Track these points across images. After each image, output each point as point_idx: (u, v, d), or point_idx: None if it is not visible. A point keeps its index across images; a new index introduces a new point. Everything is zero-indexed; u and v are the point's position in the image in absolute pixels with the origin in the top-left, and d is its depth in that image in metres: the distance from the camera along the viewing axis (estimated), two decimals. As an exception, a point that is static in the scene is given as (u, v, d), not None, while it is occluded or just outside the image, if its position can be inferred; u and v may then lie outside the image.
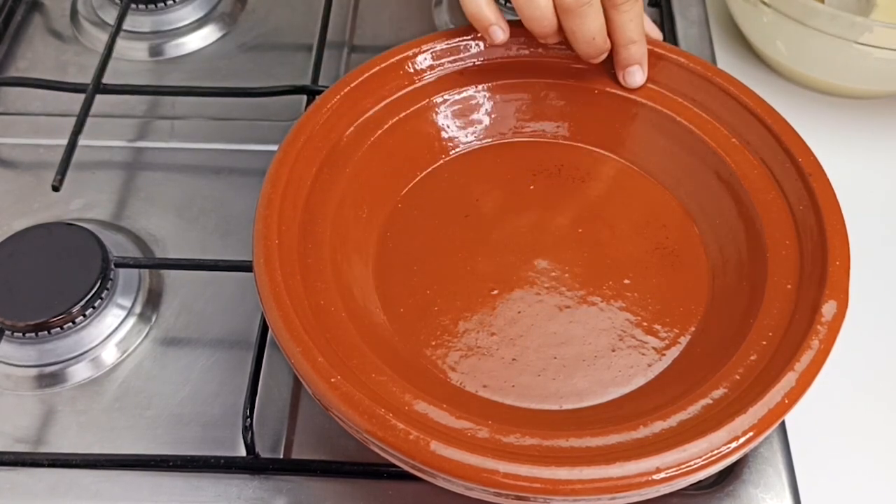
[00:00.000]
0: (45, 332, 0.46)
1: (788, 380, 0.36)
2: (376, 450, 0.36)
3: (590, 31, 0.46)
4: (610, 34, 0.47)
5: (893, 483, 0.44)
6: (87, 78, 0.56)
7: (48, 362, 0.46)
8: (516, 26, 0.47)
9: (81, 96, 0.55)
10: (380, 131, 0.48)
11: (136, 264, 0.49)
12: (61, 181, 0.50)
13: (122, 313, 0.48)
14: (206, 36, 0.63)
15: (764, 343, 0.39)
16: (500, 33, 0.47)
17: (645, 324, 0.43)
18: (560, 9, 0.45)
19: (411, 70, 0.49)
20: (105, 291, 0.47)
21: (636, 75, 0.49)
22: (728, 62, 0.62)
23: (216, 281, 0.50)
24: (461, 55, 0.50)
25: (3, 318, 0.45)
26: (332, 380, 0.36)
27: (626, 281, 0.45)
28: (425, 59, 0.49)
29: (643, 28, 0.48)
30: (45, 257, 0.47)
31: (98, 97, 0.55)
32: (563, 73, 0.50)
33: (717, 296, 0.44)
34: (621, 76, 0.49)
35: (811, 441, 0.44)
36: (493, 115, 0.51)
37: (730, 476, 0.42)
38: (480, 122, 0.50)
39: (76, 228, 0.48)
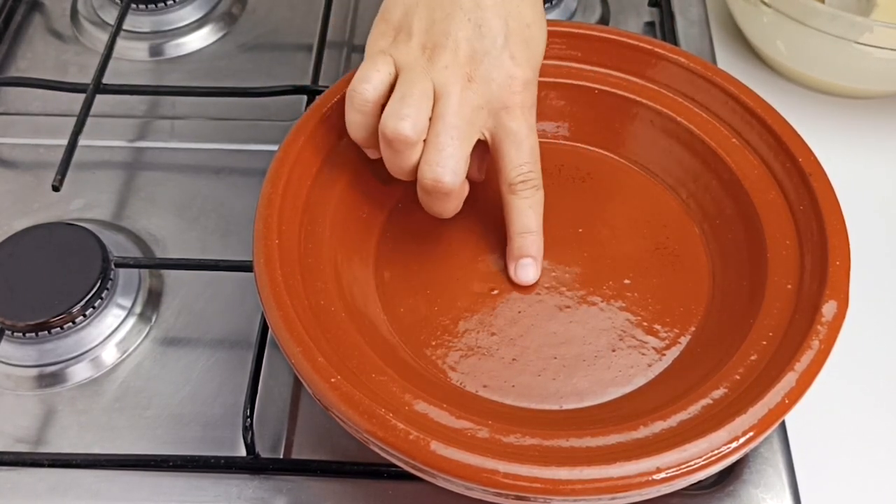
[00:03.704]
0: (45, 332, 0.46)
1: (788, 380, 0.36)
2: (376, 450, 0.36)
3: (399, 168, 0.42)
4: (506, 219, 0.44)
5: (893, 483, 0.44)
6: (87, 78, 0.56)
7: (48, 362, 0.46)
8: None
9: (81, 96, 0.55)
10: (380, 131, 0.48)
11: (136, 264, 0.49)
12: (61, 181, 0.50)
13: (122, 313, 0.48)
14: (206, 36, 0.63)
15: (764, 343, 0.39)
16: (373, 154, 0.44)
17: (645, 324, 0.43)
18: (379, 131, 0.41)
19: (411, 70, 0.49)
20: (105, 291, 0.47)
21: (528, 270, 0.44)
22: (728, 62, 0.62)
23: (216, 281, 0.50)
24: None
25: (3, 318, 0.45)
26: (332, 380, 0.36)
27: (626, 281, 0.45)
28: (425, 59, 0.49)
29: (541, 219, 0.44)
30: (45, 257, 0.47)
31: (98, 97, 0.55)
32: (563, 73, 0.50)
33: (717, 296, 0.44)
34: (512, 268, 0.44)
35: (811, 441, 0.44)
36: (493, 115, 0.51)
37: (730, 476, 0.42)
38: (480, 122, 0.50)
39: (76, 228, 0.48)
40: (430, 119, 0.40)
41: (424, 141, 0.41)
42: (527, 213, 0.43)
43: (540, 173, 0.43)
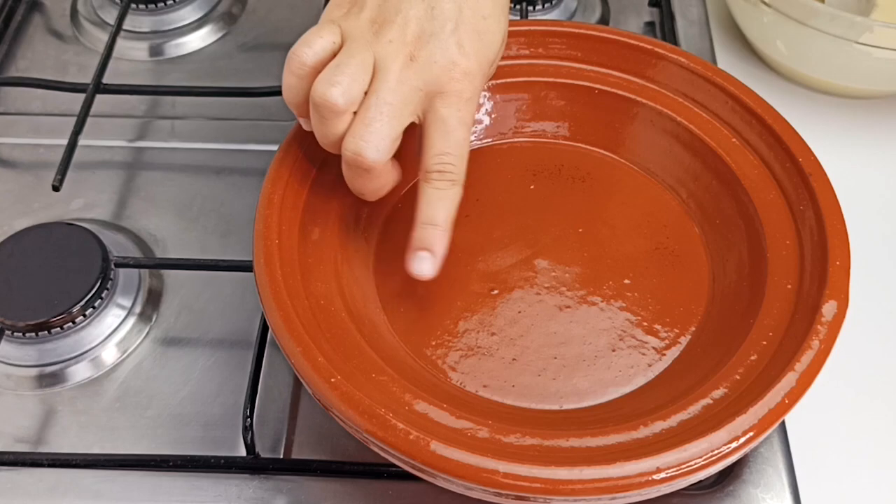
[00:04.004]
0: (46, 332, 0.46)
1: (788, 380, 0.36)
2: (376, 450, 0.37)
3: (324, 137, 0.41)
4: (417, 205, 0.41)
5: (893, 483, 0.44)
6: (87, 78, 0.56)
7: (48, 362, 0.46)
8: (513, 26, 0.47)
9: (81, 96, 0.55)
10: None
11: (136, 264, 0.49)
12: (61, 181, 0.50)
13: (122, 313, 0.48)
14: (206, 36, 0.63)
15: (764, 343, 0.39)
16: (305, 125, 0.43)
17: (645, 324, 0.43)
18: (309, 96, 0.40)
19: (411, 70, 0.49)
20: (105, 291, 0.47)
21: (424, 264, 0.41)
22: (728, 62, 0.62)
23: (216, 281, 0.50)
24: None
25: (3, 318, 0.45)
26: (332, 380, 0.36)
27: (626, 281, 0.45)
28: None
29: (452, 215, 0.41)
30: (45, 257, 0.47)
31: (98, 97, 0.55)
32: (563, 73, 0.50)
33: (717, 296, 0.44)
34: (408, 258, 0.41)
35: (811, 441, 0.44)
36: (493, 115, 0.51)
37: (730, 476, 0.42)
38: (480, 121, 0.50)
39: (76, 228, 0.48)
40: (366, 93, 0.40)
41: (355, 114, 0.40)
42: (436, 204, 0.41)
43: (463, 170, 0.41)
